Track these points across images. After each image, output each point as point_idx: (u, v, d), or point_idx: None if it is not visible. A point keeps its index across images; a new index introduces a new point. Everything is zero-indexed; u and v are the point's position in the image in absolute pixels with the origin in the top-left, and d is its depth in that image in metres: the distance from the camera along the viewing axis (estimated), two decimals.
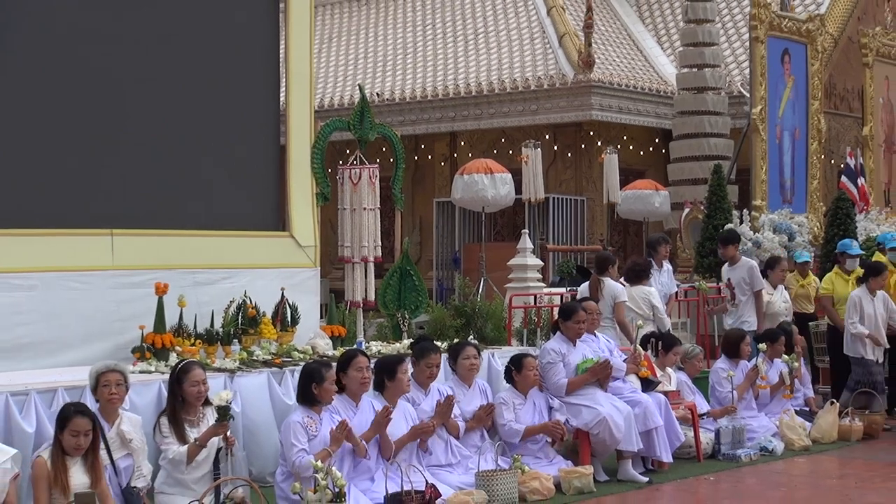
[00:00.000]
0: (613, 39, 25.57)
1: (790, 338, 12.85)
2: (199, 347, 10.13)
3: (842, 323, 13.49)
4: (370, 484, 8.63)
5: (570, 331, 10.56)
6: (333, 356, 10.20)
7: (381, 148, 13.00)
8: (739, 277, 13.55)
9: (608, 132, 23.24)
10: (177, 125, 11.39)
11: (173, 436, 8.13)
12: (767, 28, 18.71)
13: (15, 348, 9.98)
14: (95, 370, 8.05)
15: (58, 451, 7.10)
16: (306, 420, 8.55)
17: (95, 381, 7.98)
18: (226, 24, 11.86)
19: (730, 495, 9.85)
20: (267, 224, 12.11)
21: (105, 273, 10.61)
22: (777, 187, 19.13)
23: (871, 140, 21.22)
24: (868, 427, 12.42)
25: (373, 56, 27.04)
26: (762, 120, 18.58)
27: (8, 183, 10.25)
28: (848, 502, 9.49)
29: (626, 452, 10.20)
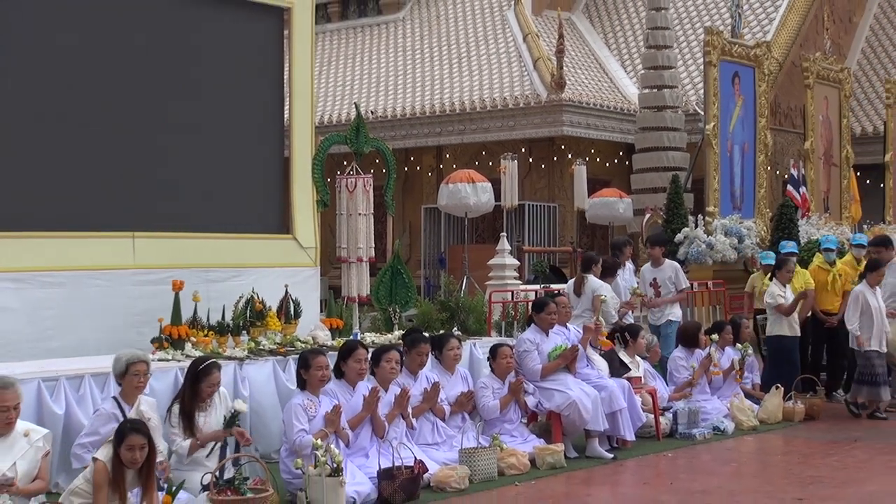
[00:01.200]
0: (582, 63, 25.60)
1: (738, 329, 12.87)
2: (212, 338, 10.11)
3: None
4: (365, 460, 8.63)
5: (542, 322, 10.59)
6: (332, 346, 10.22)
7: (374, 160, 12.97)
8: (666, 277, 13.57)
9: (577, 146, 23.25)
10: (191, 139, 11.40)
11: (181, 428, 8.11)
12: (719, 53, 18.74)
13: (46, 338, 9.99)
14: (126, 359, 8.01)
15: (117, 463, 6.78)
16: (306, 403, 8.54)
17: (125, 369, 7.96)
18: (236, 49, 11.87)
19: (686, 470, 9.85)
20: (272, 228, 12.11)
21: (127, 272, 10.60)
22: (728, 195, 19.15)
23: (811, 153, 21.25)
24: (809, 409, 12.45)
25: (367, 77, 27.03)
26: (715, 135, 18.60)
27: (41, 192, 10.27)
28: (791, 476, 9.50)
29: (593, 432, 10.21)
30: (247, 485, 7.50)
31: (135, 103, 10.99)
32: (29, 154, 10.22)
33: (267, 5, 12.09)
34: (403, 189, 24.91)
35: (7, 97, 10.12)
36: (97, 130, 10.70)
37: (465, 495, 8.55)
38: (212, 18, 11.62)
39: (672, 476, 9.59)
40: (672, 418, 11.38)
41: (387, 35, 28.20)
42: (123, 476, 6.76)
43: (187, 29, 11.43)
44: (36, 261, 10.04)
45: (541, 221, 23.72)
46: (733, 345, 12.63)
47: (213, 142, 11.57)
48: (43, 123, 10.33)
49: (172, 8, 11.27)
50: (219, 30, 11.69)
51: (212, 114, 11.57)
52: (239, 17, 11.86)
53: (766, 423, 12.03)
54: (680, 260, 17.54)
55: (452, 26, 27.29)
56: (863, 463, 10.07)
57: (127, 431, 6.83)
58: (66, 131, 10.48)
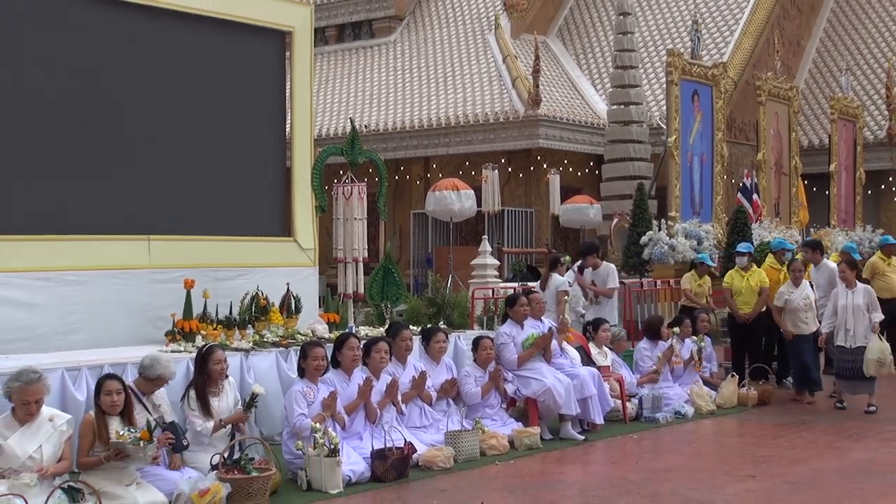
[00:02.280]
0: (556, 82, 25.64)
1: (695, 322, 12.89)
2: (220, 331, 10.11)
3: (737, 311, 13.54)
4: (359, 442, 8.63)
5: (516, 315, 10.62)
6: (329, 338, 10.21)
7: (368, 169, 12.94)
8: (601, 279, 13.40)
9: (552, 157, 23.29)
10: (201, 151, 11.41)
11: (199, 410, 8.12)
12: (680, 73, 18.81)
13: (69, 332, 9.99)
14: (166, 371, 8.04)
15: (99, 412, 7.20)
16: (305, 390, 8.55)
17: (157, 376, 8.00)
18: (243, 69, 11.87)
19: (650, 451, 9.87)
20: (275, 231, 12.10)
21: (143, 271, 10.59)
22: (688, 202, 19.22)
23: (763, 164, 21.35)
24: (762, 395, 12.47)
25: (361, 95, 27.03)
26: (676, 147, 18.68)
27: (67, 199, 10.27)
28: (745, 456, 9.53)
29: (566, 416, 10.22)
30: (252, 464, 7.51)
31: (151, 119, 11.00)
32: (56, 166, 10.23)
33: (271, 29, 12.09)
34: (394, 196, 24.91)
35: (39, 119, 10.12)
36: (118, 144, 10.71)
37: (450, 474, 8.55)
38: (222, 41, 11.62)
39: (638, 456, 9.61)
40: (637, 404, 11.40)
41: (379, 56, 28.20)
42: (106, 423, 7.11)
43: (200, 50, 11.44)
44: (61, 261, 10.03)
45: (519, 225, 23.76)
46: (692, 337, 12.66)
47: (221, 153, 11.57)
48: (69, 140, 10.34)
49: (186, 31, 11.26)
50: (228, 51, 11.69)
51: (220, 127, 11.58)
52: (246, 40, 11.86)
53: (722, 407, 12.05)
54: (645, 260, 17.63)
55: (439, 48, 27.30)
56: (809, 443, 10.11)
57: (104, 379, 7.33)
58: (89, 146, 10.49)
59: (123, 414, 7.28)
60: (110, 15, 10.66)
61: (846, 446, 9.88)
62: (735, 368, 13.30)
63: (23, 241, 9.85)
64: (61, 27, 10.30)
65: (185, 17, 11.24)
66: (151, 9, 10.96)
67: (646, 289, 16.33)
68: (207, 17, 11.44)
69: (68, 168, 10.30)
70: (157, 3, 11.00)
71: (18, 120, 9.99)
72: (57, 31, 10.26)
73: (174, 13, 11.15)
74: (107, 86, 10.66)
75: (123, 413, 7.29)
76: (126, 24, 10.81)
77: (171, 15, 11.13)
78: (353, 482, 8.07)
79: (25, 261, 9.78)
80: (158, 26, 11.07)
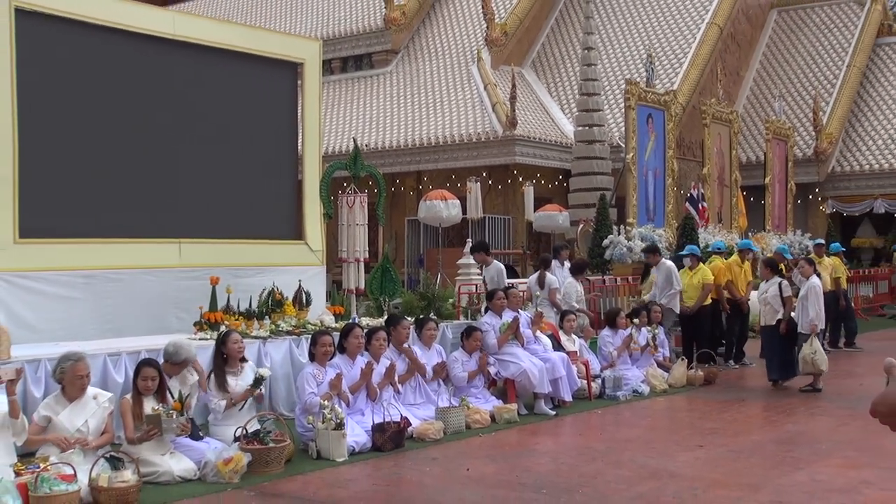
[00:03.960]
0: (530, 107, 25.66)
1: (650, 313, 12.91)
2: (241, 322, 10.09)
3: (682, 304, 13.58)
4: (361, 417, 8.62)
5: (494, 307, 10.68)
6: (336, 327, 10.20)
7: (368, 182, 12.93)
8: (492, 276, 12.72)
9: (526, 171, 23.31)
10: (225, 166, 11.40)
11: (217, 390, 8.14)
12: (637, 99, 18.82)
13: (109, 323, 9.97)
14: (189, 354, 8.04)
15: (135, 393, 7.23)
16: (315, 372, 8.53)
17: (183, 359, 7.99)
18: (261, 95, 11.86)
19: (612, 423, 9.89)
20: (288, 235, 12.09)
21: (174, 270, 10.58)
22: (644, 209, 19.24)
23: (708, 177, 21.39)
24: (707, 376, 12.49)
25: (363, 118, 27.02)
26: (633, 163, 18.69)
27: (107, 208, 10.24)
28: (694, 428, 9.55)
29: (539, 394, 10.24)
30: (269, 437, 7.51)
31: (182, 138, 11.00)
32: (99, 180, 10.20)
33: (285, 61, 12.08)
34: (391, 205, 24.90)
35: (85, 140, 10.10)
36: (153, 161, 10.71)
37: (440, 444, 8.55)
38: (244, 71, 11.61)
39: (601, 428, 9.63)
40: (601, 383, 11.42)
41: (378, 85, 28.18)
42: (141, 401, 7.19)
43: (225, 79, 11.43)
44: (102, 261, 10.01)
45: (498, 230, 23.76)
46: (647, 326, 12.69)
47: (241, 167, 11.56)
48: (110, 157, 10.32)
49: (215, 62, 11.26)
50: (249, 80, 11.68)
51: (241, 145, 11.57)
52: (263, 71, 11.86)
53: (673, 387, 12.08)
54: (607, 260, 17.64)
55: (429, 78, 27.29)
56: (749, 418, 10.15)
57: (141, 365, 7.38)
58: (128, 163, 10.48)
59: (157, 394, 7.30)
60: (149, 49, 10.65)
61: (780, 420, 9.92)
62: (685, 353, 13.35)
63: (69, 245, 9.84)
64: (106, 59, 10.29)
65: (213, 50, 11.24)
66: (184, 43, 10.95)
67: (607, 285, 16.31)
68: (232, 50, 11.45)
69: (110, 181, 10.29)
70: (189, 38, 11.00)
71: (67, 142, 9.98)
72: (103, 63, 10.25)
73: (205, 47, 11.16)
74: (144, 110, 10.65)
75: (157, 393, 7.31)
76: (163, 57, 10.80)
77: (202, 49, 11.14)
78: (357, 452, 8.06)
79: (70, 261, 9.77)
80: (191, 58, 11.06)
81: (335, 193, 12.49)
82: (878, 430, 9.01)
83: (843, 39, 30.40)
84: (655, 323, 12.82)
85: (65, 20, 9.83)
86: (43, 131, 9.65)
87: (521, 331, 10.60)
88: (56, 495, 6.15)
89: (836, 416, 10.05)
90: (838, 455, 8.05)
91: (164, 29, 10.77)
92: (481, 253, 12.97)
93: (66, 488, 6.22)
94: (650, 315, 12.86)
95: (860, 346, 16.66)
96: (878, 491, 6.80)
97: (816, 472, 7.41)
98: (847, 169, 27.66)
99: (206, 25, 11.55)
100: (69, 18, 9.87)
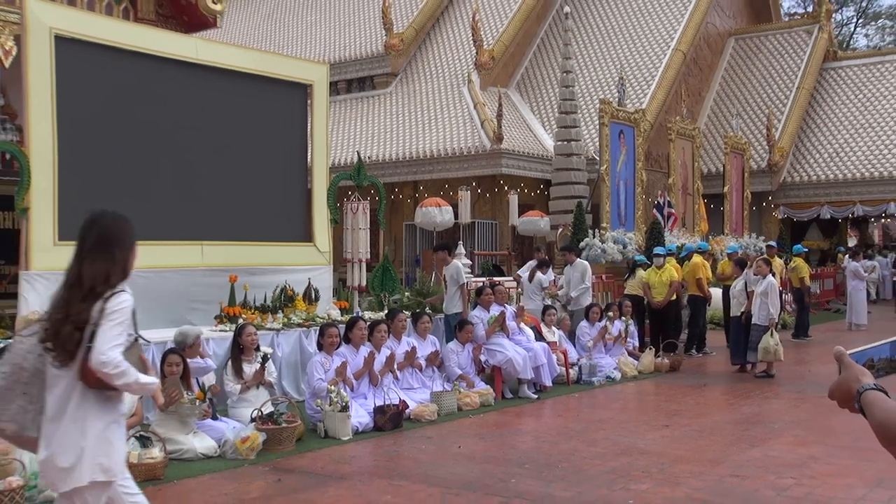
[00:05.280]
0: (515, 124, 25.67)
1: (622, 307, 12.95)
2: (257, 315, 10.09)
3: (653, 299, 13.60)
4: (364, 400, 8.63)
5: (483, 302, 10.71)
6: (341, 320, 10.20)
7: (370, 191, 12.95)
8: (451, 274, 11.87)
9: (511, 181, 23.30)
10: (242, 176, 11.36)
11: (233, 376, 8.18)
12: (610, 117, 18.85)
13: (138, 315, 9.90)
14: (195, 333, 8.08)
15: (162, 378, 7.24)
16: (323, 360, 8.54)
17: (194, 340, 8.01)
18: (275, 112, 11.83)
19: (588, 406, 9.91)
20: (299, 238, 12.06)
21: (197, 269, 10.55)
22: (616, 215, 19.25)
23: (673, 186, 21.42)
24: (673, 363, 12.53)
25: (365, 133, 26.99)
26: (607, 174, 18.71)
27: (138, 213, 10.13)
28: (660, 410, 9.57)
29: (523, 379, 10.27)
30: (282, 418, 7.50)
31: (203, 152, 10.93)
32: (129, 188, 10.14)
33: (296, 83, 12.05)
34: (391, 211, 24.87)
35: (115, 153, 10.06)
36: (177, 172, 10.65)
37: (434, 424, 8.56)
38: (258, 91, 11.57)
39: (578, 410, 9.65)
40: (578, 370, 11.45)
41: (379, 103, 28.17)
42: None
43: (241, 98, 11.37)
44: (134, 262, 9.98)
45: (486, 234, 23.75)
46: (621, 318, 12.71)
47: (257, 177, 11.52)
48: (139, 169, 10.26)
49: (231, 84, 11.22)
50: (263, 99, 11.65)
51: (257, 158, 11.54)
52: (277, 91, 11.83)
53: (642, 373, 12.12)
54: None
55: (424, 98, 27.28)
56: (709, 401, 10.17)
57: (167, 353, 7.49)
58: (155, 173, 10.43)
59: (183, 378, 7.30)
60: (175, 71, 10.60)
61: (737, 402, 9.95)
62: (652, 343, 13.38)
63: None
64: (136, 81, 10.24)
65: (232, 73, 11.21)
66: (206, 67, 10.92)
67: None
68: (249, 73, 11.41)
69: (139, 190, 10.23)
70: (210, 62, 10.96)
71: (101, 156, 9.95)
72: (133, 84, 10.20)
73: (224, 70, 11.12)
74: (170, 126, 10.60)
75: (182, 378, 7.31)
76: (187, 79, 10.76)
77: (222, 72, 11.10)
78: (360, 431, 8.07)
79: None
80: (212, 80, 11.03)
81: (341, 201, 12.49)
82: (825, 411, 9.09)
83: (794, 64, 30.47)
84: (627, 315, 12.86)
85: (99, 46, 9.80)
86: (79, 146, 9.61)
87: (507, 323, 10.61)
88: None
89: (788, 400, 10.08)
90: (789, 434, 8.08)
91: (188, 54, 10.75)
92: (443, 252, 12.92)
93: None
94: (622, 309, 12.91)
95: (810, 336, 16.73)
96: (825, 465, 6.82)
97: (770, 448, 7.44)
98: (797, 179, 27.73)
99: (226, 51, 11.51)
100: (103, 44, 9.85)
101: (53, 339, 3.50)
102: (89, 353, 3.46)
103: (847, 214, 27.45)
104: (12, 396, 3.56)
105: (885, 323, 19.70)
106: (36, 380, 3.57)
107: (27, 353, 3.59)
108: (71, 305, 3.54)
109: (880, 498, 5.91)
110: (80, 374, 3.50)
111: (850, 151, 27.84)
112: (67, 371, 3.52)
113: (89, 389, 3.52)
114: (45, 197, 9.21)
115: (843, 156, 27.80)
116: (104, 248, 3.69)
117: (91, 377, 3.48)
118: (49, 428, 3.53)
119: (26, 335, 3.67)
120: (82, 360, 3.48)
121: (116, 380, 3.46)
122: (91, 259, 3.64)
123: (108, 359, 3.43)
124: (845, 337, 17.02)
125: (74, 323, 3.50)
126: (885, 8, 52.22)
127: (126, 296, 3.67)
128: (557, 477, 6.49)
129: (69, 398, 3.52)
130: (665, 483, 6.30)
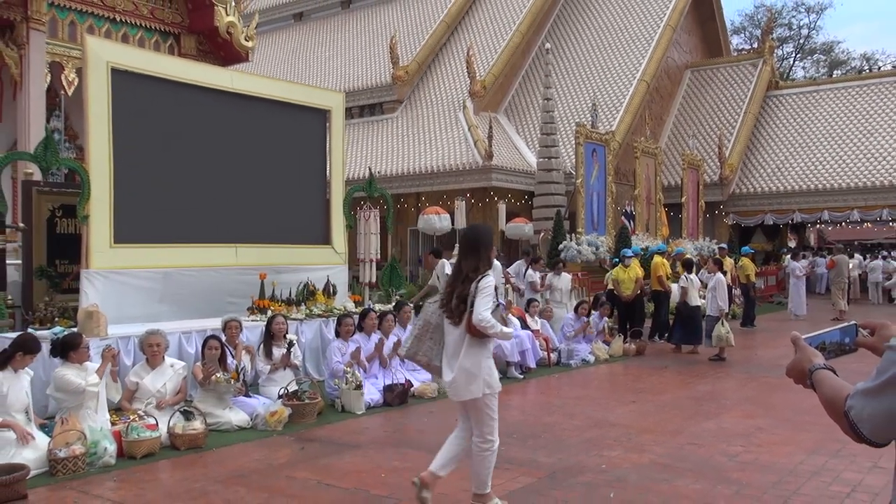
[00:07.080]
0: (503, 143, 25.66)
1: (597, 302, 12.96)
2: (283, 307, 10.08)
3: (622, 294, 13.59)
4: (375, 380, 8.63)
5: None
6: (355, 312, 10.20)
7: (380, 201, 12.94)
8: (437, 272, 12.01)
9: (500, 192, 23.29)
10: (270, 188, 11.35)
11: (264, 357, 8.16)
12: (584, 138, 18.87)
13: (182, 308, 9.92)
14: (223, 319, 8.10)
15: (203, 359, 7.19)
16: (340, 345, 8.54)
17: (224, 325, 8.02)
18: (298, 134, 11.83)
19: (566, 384, 9.92)
20: (319, 241, 12.06)
21: (232, 268, 10.55)
22: (590, 221, 19.27)
23: (639, 197, 21.43)
24: (639, 348, 12.54)
25: (376, 151, 26.98)
26: (582, 186, 18.72)
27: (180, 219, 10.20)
28: (628, 388, 9.57)
29: (511, 362, 10.26)
30: (305, 395, 7.50)
31: (237, 167, 10.93)
32: (174, 199, 10.15)
33: (316, 108, 12.06)
34: (397, 218, 24.85)
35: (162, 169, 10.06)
36: (215, 184, 10.64)
37: (435, 401, 8.56)
38: (285, 115, 11.58)
39: (558, 389, 9.65)
40: (558, 354, 11.45)
41: (387, 126, 28.16)
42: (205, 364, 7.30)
43: (270, 121, 11.38)
44: (176, 261, 9.96)
45: None
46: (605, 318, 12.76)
47: (283, 189, 11.52)
48: (183, 182, 10.26)
49: (262, 110, 11.22)
50: (288, 123, 11.66)
51: (283, 172, 11.53)
52: (300, 116, 11.84)
53: (613, 357, 12.14)
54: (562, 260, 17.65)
55: (426, 121, 27.28)
56: (669, 380, 10.18)
57: (208, 338, 7.44)
58: (196, 186, 10.42)
59: (220, 360, 7.30)
60: (213, 99, 10.61)
61: (694, 382, 9.96)
62: (620, 331, 13.39)
63: (151, 248, 9.79)
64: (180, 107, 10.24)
65: (262, 100, 11.21)
66: (240, 95, 10.93)
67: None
68: (276, 100, 11.42)
69: (182, 200, 10.24)
70: (243, 91, 10.96)
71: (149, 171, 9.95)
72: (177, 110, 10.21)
73: (255, 98, 11.12)
74: (209, 145, 10.61)
75: (220, 360, 7.31)
76: (223, 105, 10.76)
77: (253, 99, 11.10)
78: (372, 406, 8.08)
79: (152, 261, 9.72)
80: (244, 106, 11.04)
81: (355, 209, 12.50)
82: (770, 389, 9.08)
83: (741, 92, 30.51)
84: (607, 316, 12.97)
85: (149, 77, 9.81)
86: (131, 162, 9.61)
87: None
88: (143, 440, 6.15)
89: (737, 379, 10.09)
90: (738, 409, 8.09)
91: (224, 84, 10.75)
92: (431, 255, 12.90)
93: (150, 434, 6.22)
94: (597, 303, 12.93)
95: (756, 325, 16.75)
96: (769, 435, 6.84)
97: (722, 421, 7.45)
98: (745, 190, 27.76)
99: (257, 81, 11.50)
100: (152, 76, 9.85)
101: (448, 307, 4.55)
102: (471, 315, 4.41)
103: (787, 221, 27.47)
104: (424, 339, 4.66)
105: (820, 313, 19.73)
106: (438, 330, 4.65)
107: (432, 314, 4.69)
108: (456, 287, 4.52)
109: (816, 462, 5.94)
110: (467, 328, 4.47)
111: (789, 167, 27.88)
112: (458, 327, 4.53)
113: (473, 337, 4.49)
114: (102, 206, 9.22)
115: (783, 171, 27.84)
116: (474, 248, 4.56)
117: (473, 329, 4.45)
118: (451, 361, 4.54)
119: (431, 302, 4.76)
120: (467, 319, 4.45)
121: (489, 330, 4.41)
122: (465, 257, 4.58)
123: (483, 318, 4.38)
124: (787, 325, 17.04)
125: (460, 297, 4.50)
126: (819, 44, 52.65)
127: (490, 278, 4.49)
128: (540, 445, 6.51)
129: (461, 343, 4.52)
130: (633, 450, 6.32)
